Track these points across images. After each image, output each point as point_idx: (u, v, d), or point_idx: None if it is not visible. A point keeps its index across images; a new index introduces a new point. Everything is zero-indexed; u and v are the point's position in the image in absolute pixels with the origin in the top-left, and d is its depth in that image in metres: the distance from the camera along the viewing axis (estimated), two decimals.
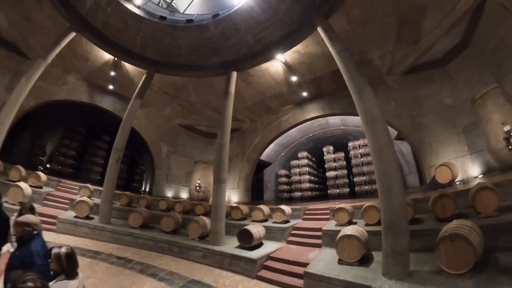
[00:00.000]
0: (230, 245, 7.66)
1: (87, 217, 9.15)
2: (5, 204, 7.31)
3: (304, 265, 6.01)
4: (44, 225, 7.89)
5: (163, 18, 10.07)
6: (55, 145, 15.60)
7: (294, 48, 9.83)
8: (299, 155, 17.39)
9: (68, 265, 2.07)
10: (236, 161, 15.18)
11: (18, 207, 5.29)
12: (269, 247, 7.70)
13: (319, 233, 7.66)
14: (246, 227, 7.59)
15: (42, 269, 2.26)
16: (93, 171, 15.91)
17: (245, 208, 10.74)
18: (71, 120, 15.52)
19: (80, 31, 9.93)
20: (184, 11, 15.10)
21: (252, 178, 15.50)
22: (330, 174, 15.99)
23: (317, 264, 5.91)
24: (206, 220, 8.80)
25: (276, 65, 10.99)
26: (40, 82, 9.93)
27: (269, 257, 7.01)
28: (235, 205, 11.16)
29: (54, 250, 2.10)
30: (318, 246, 7.43)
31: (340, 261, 5.70)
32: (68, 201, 10.24)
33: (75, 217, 8.98)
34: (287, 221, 9.42)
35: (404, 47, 9.62)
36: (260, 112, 14.73)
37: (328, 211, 9.31)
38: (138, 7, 9.82)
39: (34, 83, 9.00)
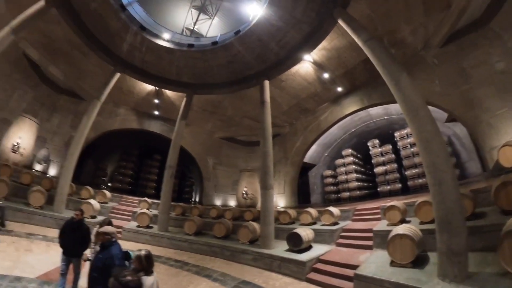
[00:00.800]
0: (279, 249, 7.91)
1: (147, 226, 10.46)
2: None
3: (354, 267, 5.85)
4: None
5: (191, 45, 11.39)
6: (114, 167, 18.51)
7: (320, 46, 9.76)
8: (343, 153, 16.64)
9: (147, 264, 2.59)
10: (280, 166, 15.31)
11: (90, 220, 6.60)
12: (318, 249, 7.69)
13: (370, 234, 7.32)
14: (295, 230, 7.72)
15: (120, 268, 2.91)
16: (148, 187, 18.15)
17: (292, 212, 10.87)
18: (125, 145, 18.11)
19: (123, 71, 11.87)
20: (206, 34, 16.52)
21: (297, 181, 15.41)
22: (378, 170, 14.85)
23: (368, 266, 5.71)
24: (256, 225, 9.23)
25: (306, 66, 11.03)
26: (97, 117, 11.86)
27: (318, 259, 7.02)
28: (282, 209, 11.36)
29: (136, 253, 2.65)
30: (369, 248, 7.11)
31: (392, 263, 5.40)
32: (130, 213, 11.89)
33: (137, 226, 10.36)
34: (336, 223, 9.24)
35: (436, 15, 8.28)
36: (297, 115, 14.72)
37: (378, 211, 8.84)
38: (168, 41, 11.20)
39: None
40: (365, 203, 11.70)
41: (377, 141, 15.60)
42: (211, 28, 16.82)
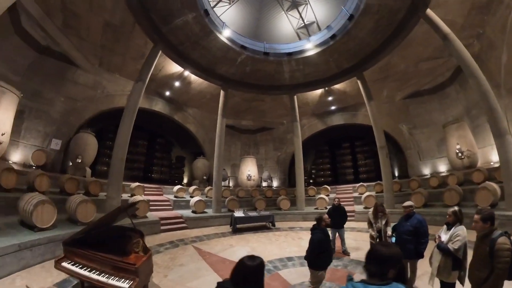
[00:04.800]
0: None
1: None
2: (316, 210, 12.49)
3: None
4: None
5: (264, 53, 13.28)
6: (310, 165, 21.90)
7: None
8: None
9: (461, 216, 3.43)
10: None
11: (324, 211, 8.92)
12: None
13: None
14: None
15: (425, 229, 4.13)
16: (347, 173, 20.20)
17: None
18: (316, 145, 21.05)
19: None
20: (222, 27, 16.38)
21: None
22: None
23: None
24: (494, 185, 8.15)
25: None
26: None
27: None
28: None
29: (451, 209, 3.53)
30: None
31: None
32: (350, 199, 14.01)
33: (365, 208, 11.94)
34: None
35: None
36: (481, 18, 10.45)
37: None
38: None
39: None
40: None
41: None
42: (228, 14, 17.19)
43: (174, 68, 13.02)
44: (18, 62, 9.72)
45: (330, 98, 16.23)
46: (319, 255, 4.15)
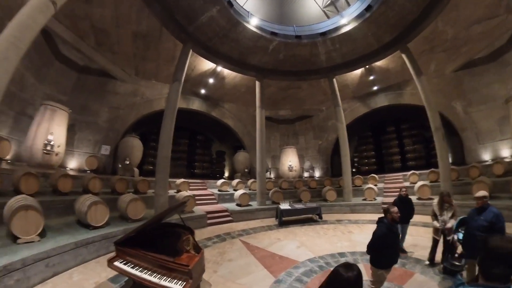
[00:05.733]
0: None
1: (429, 199, 10.34)
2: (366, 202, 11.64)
3: None
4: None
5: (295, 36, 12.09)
6: (352, 153, 20.06)
7: None
8: None
9: None
10: None
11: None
12: None
13: None
14: None
15: (502, 225, 3.46)
16: (394, 161, 18.21)
17: None
18: (358, 132, 19.59)
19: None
20: (247, 16, 15.14)
21: None
22: None
23: None
24: None
25: None
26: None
27: None
28: None
29: None
30: None
31: None
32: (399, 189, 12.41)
33: (419, 198, 10.49)
34: None
35: None
36: None
37: None
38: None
39: None
40: None
41: None
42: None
43: (206, 65, 13.13)
44: (63, 83, 11.05)
45: (371, 78, 14.68)
46: (382, 251, 3.66)
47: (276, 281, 5.41)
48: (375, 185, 13.25)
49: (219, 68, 13.39)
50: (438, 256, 5.31)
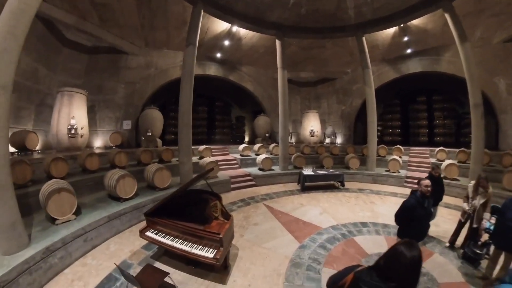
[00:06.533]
0: None
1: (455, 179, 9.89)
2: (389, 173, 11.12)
3: None
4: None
5: None
6: (377, 120, 18.69)
7: None
8: None
9: None
10: None
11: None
12: None
13: None
14: None
15: None
16: (420, 134, 16.92)
17: None
18: (384, 98, 17.81)
19: None
20: None
21: None
22: None
23: None
24: None
25: None
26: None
27: None
28: None
29: None
30: None
31: None
32: (426, 165, 11.83)
33: (444, 177, 9.68)
34: None
35: None
36: None
37: None
38: None
39: None
40: None
41: None
42: None
43: (220, 26, 12.21)
44: (76, 68, 11.10)
45: (406, 39, 12.91)
46: (409, 223, 3.58)
47: (300, 246, 5.62)
48: (400, 157, 12.65)
49: (235, 28, 12.43)
50: (459, 240, 5.23)
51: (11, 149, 7.72)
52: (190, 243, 4.14)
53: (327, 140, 17.67)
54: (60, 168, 6.83)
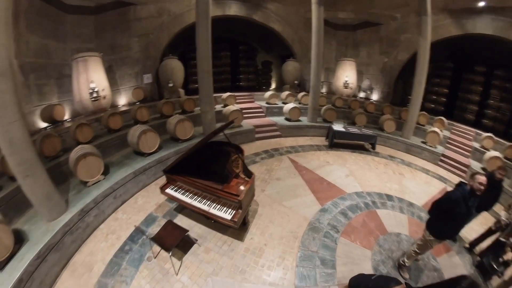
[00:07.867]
0: None
1: None
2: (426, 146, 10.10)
3: None
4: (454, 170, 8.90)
5: None
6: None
7: None
8: None
9: None
10: None
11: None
12: None
13: None
14: None
15: None
16: (467, 110, 14.07)
17: None
18: (437, 57, 14.27)
19: None
20: None
21: None
22: None
23: None
24: None
25: None
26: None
27: None
28: None
29: None
30: None
31: None
32: (467, 148, 10.20)
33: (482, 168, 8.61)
34: None
35: None
36: None
37: None
38: None
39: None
40: None
41: None
42: None
43: None
44: (85, 32, 10.50)
45: None
46: (445, 218, 3.36)
47: (321, 210, 5.64)
48: (441, 131, 11.11)
49: None
50: (480, 246, 4.89)
51: (44, 124, 8.24)
52: (209, 202, 4.23)
53: (362, 94, 16.28)
54: (85, 132, 7.10)
